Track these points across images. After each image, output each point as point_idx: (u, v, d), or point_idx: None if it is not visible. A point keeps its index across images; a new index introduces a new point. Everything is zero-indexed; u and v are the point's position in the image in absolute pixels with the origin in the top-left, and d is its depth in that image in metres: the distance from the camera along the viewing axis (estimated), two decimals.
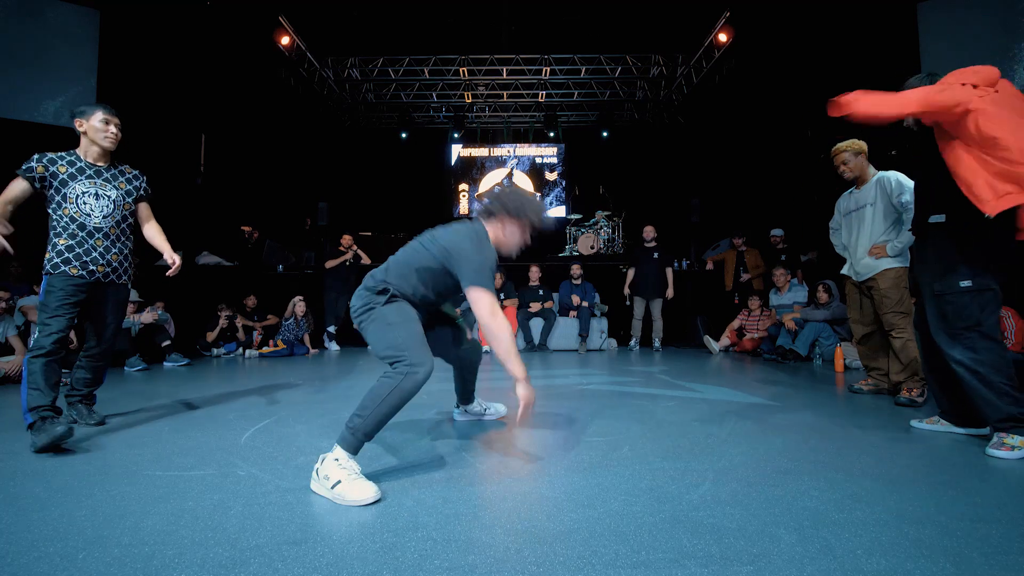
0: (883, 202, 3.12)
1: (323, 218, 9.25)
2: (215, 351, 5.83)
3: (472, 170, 11.89)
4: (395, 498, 1.53)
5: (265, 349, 6.00)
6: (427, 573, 1.11)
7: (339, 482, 1.53)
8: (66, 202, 2.39)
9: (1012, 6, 5.91)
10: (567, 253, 9.25)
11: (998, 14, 5.99)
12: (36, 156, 2.37)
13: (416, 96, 10.90)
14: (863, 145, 3.25)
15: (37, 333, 2.28)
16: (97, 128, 2.49)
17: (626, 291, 6.67)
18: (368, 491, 1.51)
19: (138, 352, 4.73)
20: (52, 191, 2.39)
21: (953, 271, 2.06)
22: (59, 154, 2.42)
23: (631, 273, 6.62)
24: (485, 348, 6.23)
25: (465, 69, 10.06)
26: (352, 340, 6.83)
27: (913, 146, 2.27)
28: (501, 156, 11.90)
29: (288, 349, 5.99)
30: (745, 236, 6.98)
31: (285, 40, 8.31)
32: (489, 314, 1.83)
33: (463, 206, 11.84)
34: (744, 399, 3.14)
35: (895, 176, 3.11)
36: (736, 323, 6.31)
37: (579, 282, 6.69)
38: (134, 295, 5.00)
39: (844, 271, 3.42)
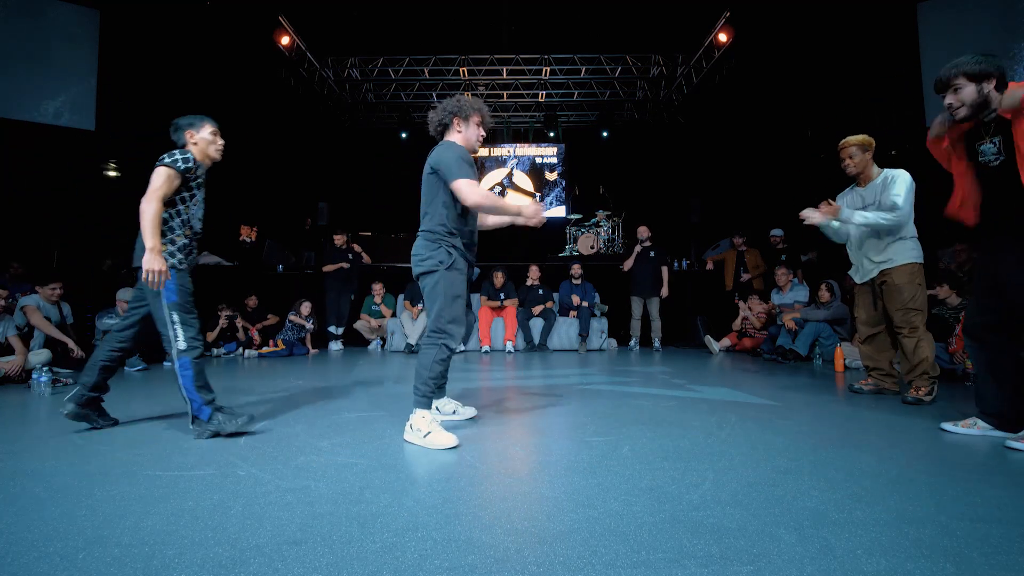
0: (880, 196, 3.07)
1: (323, 218, 9.25)
2: (215, 351, 5.84)
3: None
4: (395, 498, 1.53)
5: (265, 349, 6.00)
6: (427, 573, 1.11)
7: (429, 432, 2.05)
8: (192, 204, 2.41)
9: (1012, 6, 5.91)
10: (567, 253, 9.26)
11: (998, 14, 6.00)
12: (181, 153, 2.37)
13: (416, 96, 10.90)
14: (872, 142, 3.17)
15: (183, 332, 2.26)
16: (208, 140, 2.54)
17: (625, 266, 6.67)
18: (451, 439, 2.04)
19: (138, 352, 4.72)
20: (185, 192, 2.39)
21: None
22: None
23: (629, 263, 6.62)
24: (485, 348, 6.23)
25: (465, 69, 10.06)
26: (353, 340, 6.83)
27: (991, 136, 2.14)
28: (501, 156, 11.89)
29: (288, 349, 5.99)
30: (745, 236, 6.98)
31: (285, 40, 8.31)
32: (476, 195, 2.17)
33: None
34: (744, 399, 3.14)
35: (901, 174, 3.03)
36: (737, 323, 6.31)
37: (579, 282, 6.69)
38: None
39: (855, 276, 3.36)
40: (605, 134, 10.82)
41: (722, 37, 8.18)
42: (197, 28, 7.24)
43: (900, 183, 2.99)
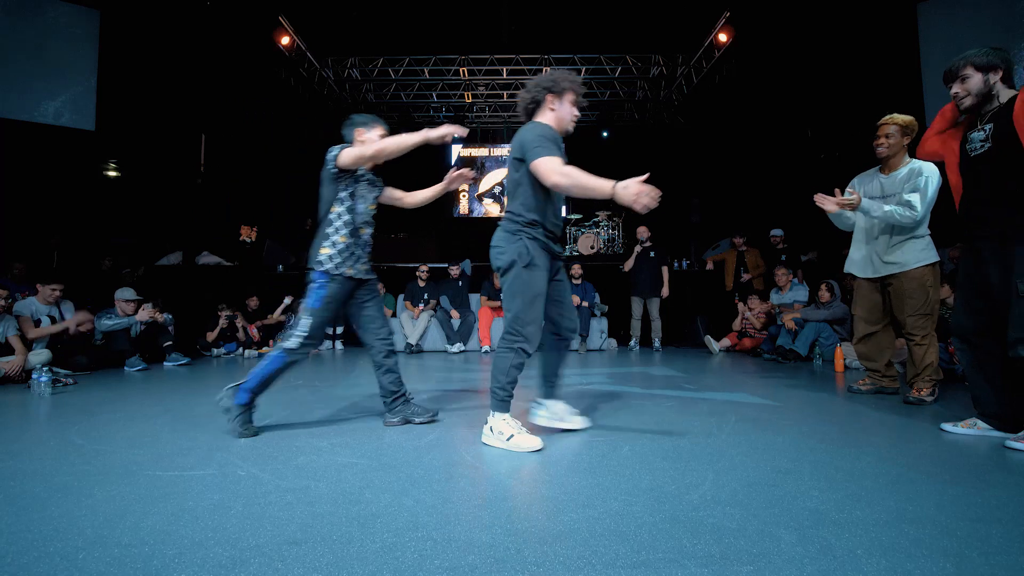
0: (904, 188, 2.89)
1: None
2: (215, 351, 5.83)
3: (472, 170, 11.90)
4: (395, 498, 1.53)
5: (265, 349, 6.00)
6: (427, 573, 1.11)
7: (512, 436, 2.02)
8: (356, 202, 2.42)
9: (1012, 6, 5.91)
10: (567, 253, 9.26)
11: (998, 14, 5.99)
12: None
13: (416, 96, 10.91)
14: (916, 127, 2.93)
15: (300, 336, 2.24)
16: (374, 140, 2.46)
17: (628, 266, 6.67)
18: (536, 441, 2.01)
19: (138, 352, 4.73)
20: (347, 190, 2.41)
21: None
22: None
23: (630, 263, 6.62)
24: (485, 348, 6.23)
25: (465, 69, 10.06)
26: (354, 340, 6.83)
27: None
28: (501, 156, 11.89)
29: None
30: (745, 236, 6.98)
31: (285, 40, 8.31)
32: (557, 175, 1.93)
33: (463, 206, 11.84)
34: (744, 399, 3.14)
35: (930, 171, 2.85)
36: (737, 323, 6.31)
37: (579, 282, 6.68)
38: (131, 294, 4.94)
39: (856, 270, 3.19)
40: (605, 134, 10.82)
41: (722, 37, 8.18)
42: (197, 28, 7.25)
43: (928, 181, 2.83)
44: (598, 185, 1.88)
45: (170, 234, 7.67)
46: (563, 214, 2.07)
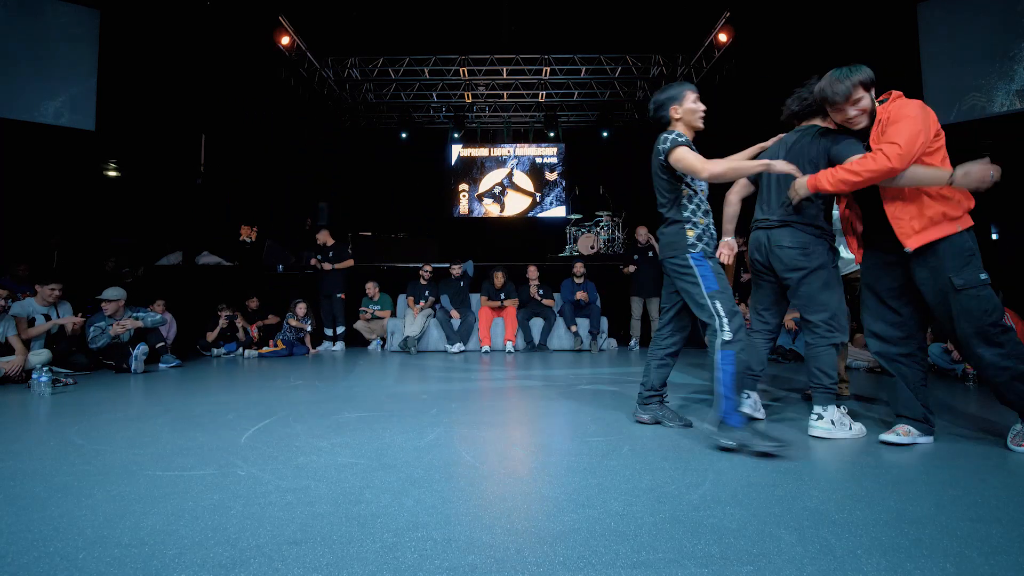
0: None
1: (323, 218, 9.24)
2: (215, 351, 5.83)
3: (472, 170, 11.89)
4: (395, 498, 1.53)
5: (265, 349, 6.00)
6: (427, 573, 1.11)
7: (851, 424, 2.19)
8: (696, 185, 2.34)
9: (1012, 6, 5.91)
10: (567, 253, 9.26)
11: (998, 14, 5.99)
12: (673, 134, 2.25)
13: (416, 96, 10.91)
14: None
15: (728, 324, 2.09)
16: (692, 109, 2.35)
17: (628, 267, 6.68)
18: (863, 429, 2.21)
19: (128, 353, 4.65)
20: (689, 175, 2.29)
21: (968, 263, 1.94)
22: None
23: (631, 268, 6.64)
24: (485, 348, 6.23)
25: (465, 69, 10.06)
26: (354, 341, 6.83)
27: None
28: (501, 156, 11.90)
29: (288, 349, 5.98)
30: (745, 236, 6.97)
31: (285, 40, 8.31)
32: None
33: (463, 206, 11.84)
34: (744, 399, 3.13)
35: None
36: None
37: (581, 281, 6.68)
38: (115, 293, 4.75)
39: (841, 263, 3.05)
40: (605, 134, 10.82)
41: (722, 37, 8.18)
42: (197, 28, 7.25)
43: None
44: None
45: (170, 234, 7.67)
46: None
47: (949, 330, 2.04)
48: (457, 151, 11.83)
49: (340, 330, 6.53)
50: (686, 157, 2.15)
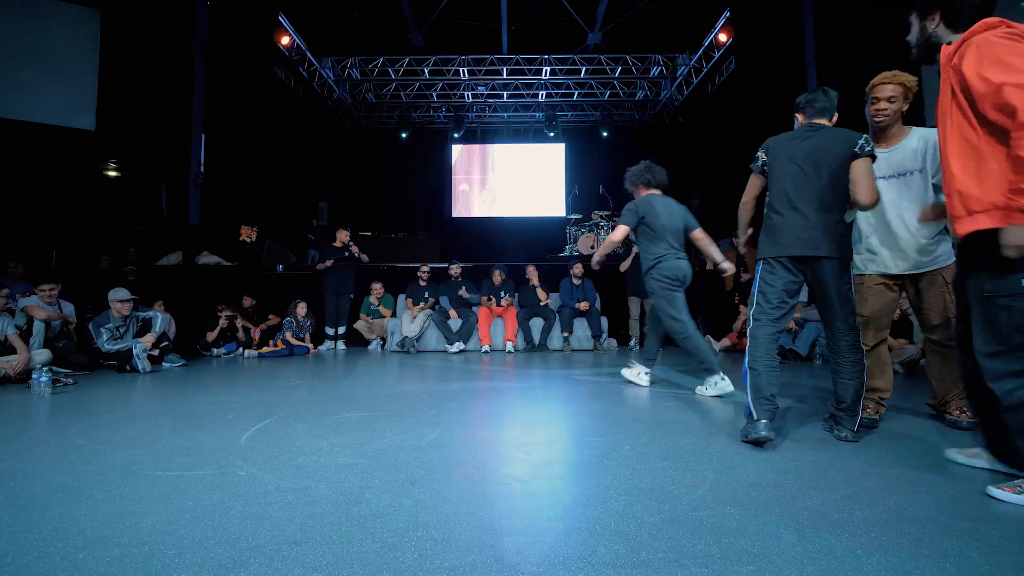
0: (933, 167, 2.30)
1: (323, 218, 9.25)
2: (215, 351, 5.83)
3: (472, 170, 11.90)
4: (395, 498, 1.53)
5: (265, 349, 6.00)
6: (427, 573, 1.11)
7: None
8: None
9: (1012, 6, 5.91)
10: (567, 253, 9.26)
11: (998, 14, 5.99)
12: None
13: (416, 96, 10.91)
14: (915, 86, 2.42)
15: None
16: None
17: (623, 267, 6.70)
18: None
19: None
20: None
21: (1011, 268, 1.50)
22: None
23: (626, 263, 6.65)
24: (485, 348, 6.23)
25: (465, 69, 10.06)
26: (354, 340, 6.83)
27: None
28: (501, 156, 11.90)
29: (288, 349, 5.98)
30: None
31: (285, 40, 8.31)
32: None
33: (463, 206, 11.84)
34: (744, 399, 3.13)
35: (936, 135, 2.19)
36: (737, 324, 6.31)
37: (579, 281, 6.68)
38: (125, 294, 4.78)
39: (873, 265, 2.57)
40: (605, 134, 10.82)
41: (722, 37, 8.19)
42: (197, 28, 7.24)
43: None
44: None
45: (170, 234, 7.67)
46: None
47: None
48: (457, 151, 11.84)
49: (342, 329, 6.54)
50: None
